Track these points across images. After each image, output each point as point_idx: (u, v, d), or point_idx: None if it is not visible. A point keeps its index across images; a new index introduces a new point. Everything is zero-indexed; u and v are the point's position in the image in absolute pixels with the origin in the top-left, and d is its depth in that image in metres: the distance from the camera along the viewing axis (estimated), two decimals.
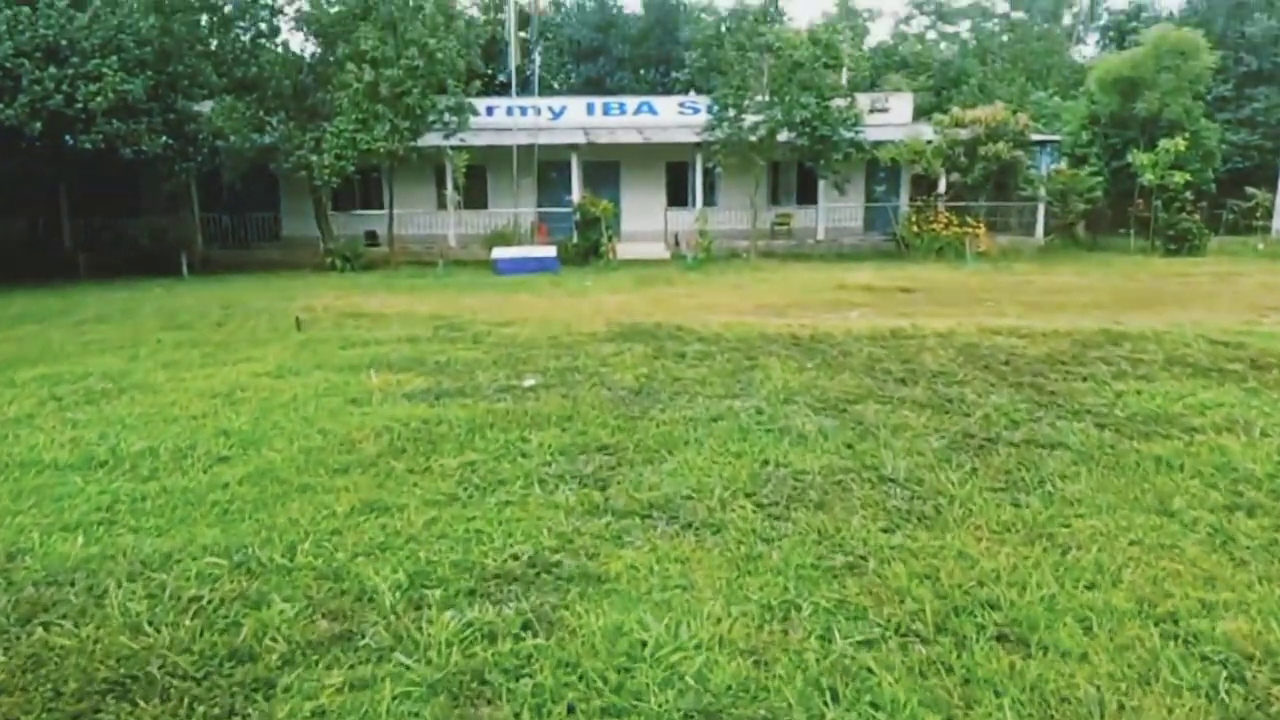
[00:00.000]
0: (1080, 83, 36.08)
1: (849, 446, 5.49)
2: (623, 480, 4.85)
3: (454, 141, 22.86)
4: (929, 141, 23.67)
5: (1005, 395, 6.86)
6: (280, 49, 22.96)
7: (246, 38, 22.98)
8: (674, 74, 35.60)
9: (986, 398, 6.77)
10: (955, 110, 24.62)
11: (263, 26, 22.94)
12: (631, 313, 12.79)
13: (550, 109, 29.22)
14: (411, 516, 4.35)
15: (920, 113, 31.70)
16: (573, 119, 29.12)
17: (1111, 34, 37.67)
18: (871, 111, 23.55)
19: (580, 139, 26.65)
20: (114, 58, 18.60)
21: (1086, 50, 43.87)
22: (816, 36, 22.90)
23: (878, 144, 24.13)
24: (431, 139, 23.17)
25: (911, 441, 5.59)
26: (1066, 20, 52.85)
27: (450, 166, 23.52)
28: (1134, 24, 37.11)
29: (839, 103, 23.17)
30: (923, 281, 17.32)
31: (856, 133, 23.43)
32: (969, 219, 23.99)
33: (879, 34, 54.93)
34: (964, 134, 23.72)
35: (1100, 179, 24.23)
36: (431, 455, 5.42)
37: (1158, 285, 16.58)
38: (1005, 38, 48.32)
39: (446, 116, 21.89)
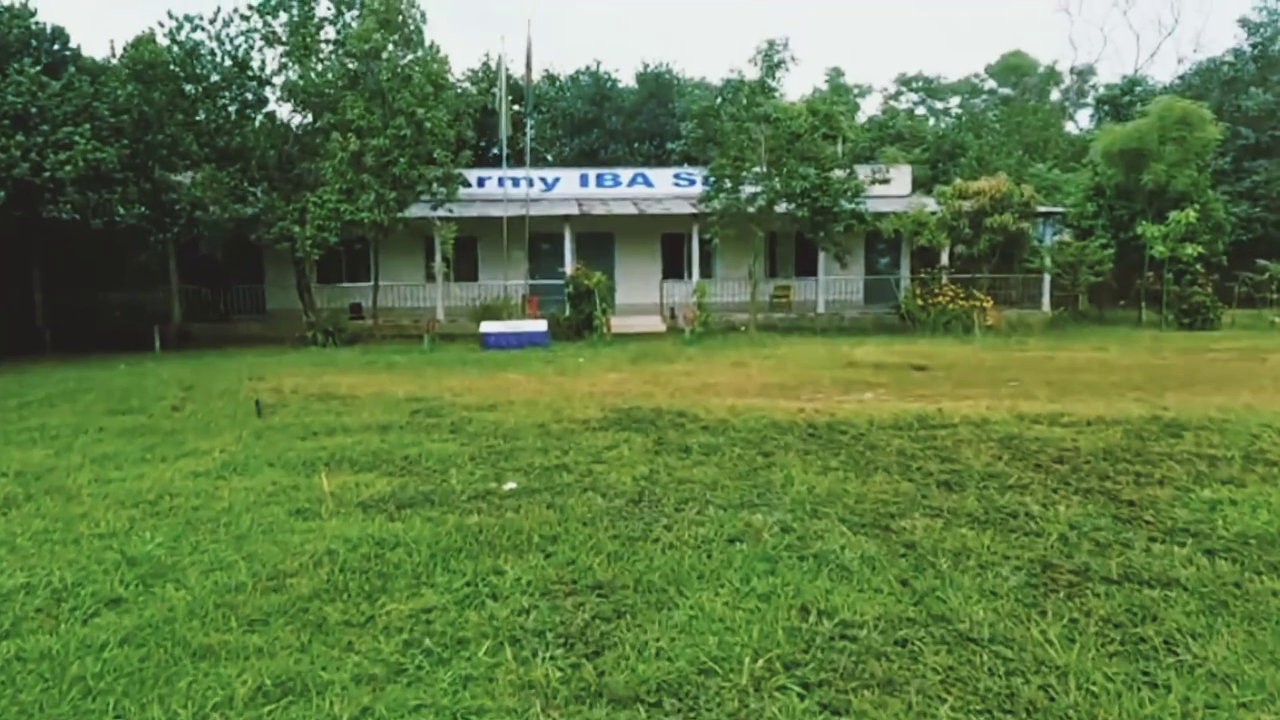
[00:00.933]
0: (1078, 156, 35.85)
1: (904, 583, 4.37)
2: (621, 641, 3.71)
3: (442, 212, 22.10)
4: (932, 213, 22.99)
5: (1076, 507, 5.76)
6: (266, 119, 22.35)
7: (232, 108, 22.37)
8: (670, 145, 35.21)
9: (1054, 509, 5.68)
10: (958, 181, 24.04)
11: (249, 97, 22.37)
12: (627, 394, 11.74)
13: (543, 180, 28.65)
14: (335, 707, 3.20)
15: (917, 185, 31.25)
16: (566, 190, 28.53)
17: (1106, 108, 37.53)
18: (872, 182, 22.90)
19: (573, 210, 25.97)
20: (86, 125, 17.85)
21: (1081, 124, 43.89)
22: (815, 107, 22.37)
23: (879, 215, 23.46)
24: (420, 210, 22.45)
25: (980, 575, 4.48)
26: (1054, 96, 53.26)
27: (438, 238, 22.65)
28: (1127, 98, 37.03)
29: (839, 174, 22.55)
30: (934, 358, 16.35)
31: (858, 204, 22.79)
32: (975, 292, 23.20)
33: (869, 109, 55.18)
34: (968, 205, 23.06)
35: (1109, 251, 23.51)
36: (379, 597, 4.28)
37: (1186, 363, 15.62)
38: (993, 113, 48.51)
39: (434, 187, 21.15)
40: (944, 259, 26.00)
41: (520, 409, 10.37)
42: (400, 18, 21.28)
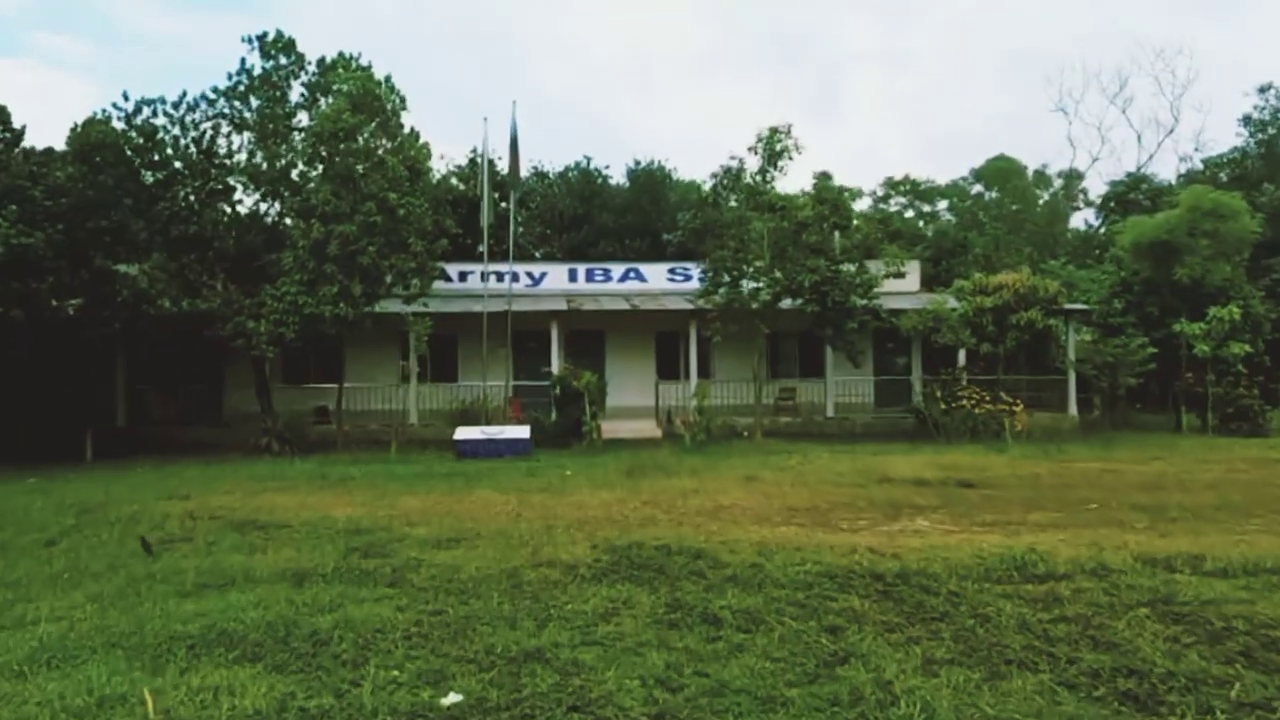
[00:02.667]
0: (1088, 252, 34.49)
1: None
2: None
3: (416, 308, 20.08)
4: (952, 309, 21.13)
5: None
6: (228, 206, 20.55)
7: (192, 195, 20.58)
8: (667, 236, 33.69)
9: None
10: (978, 275, 22.30)
11: (212, 185, 20.58)
12: (625, 520, 9.46)
13: (529, 275, 26.86)
14: None
15: (922, 283, 29.63)
16: (554, 285, 26.72)
17: (1113, 204, 36.45)
18: (886, 276, 21.12)
19: (561, 306, 24.07)
20: (13, 208, 15.90)
21: (1078, 222, 42.91)
22: (823, 194, 20.74)
23: (896, 312, 21.63)
24: (394, 304, 20.47)
25: None
26: (1044, 198, 52.62)
27: (412, 335, 20.55)
28: (1134, 194, 36.00)
29: (849, 267, 20.78)
30: (976, 471, 14.13)
31: (871, 299, 20.97)
32: (1001, 394, 21.16)
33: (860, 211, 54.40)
34: (990, 301, 21.23)
35: (1151, 350, 21.61)
36: None
37: (1272, 477, 13.46)
38: (991, 212, 47.71)
39: (408, 279, 19.19)
40: (961, 358, 24.09)
41: (487, 546, 8.06)
42: (376, 100, 19.72)
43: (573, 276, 27.13)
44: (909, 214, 53.19)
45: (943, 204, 55.25)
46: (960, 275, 24.10)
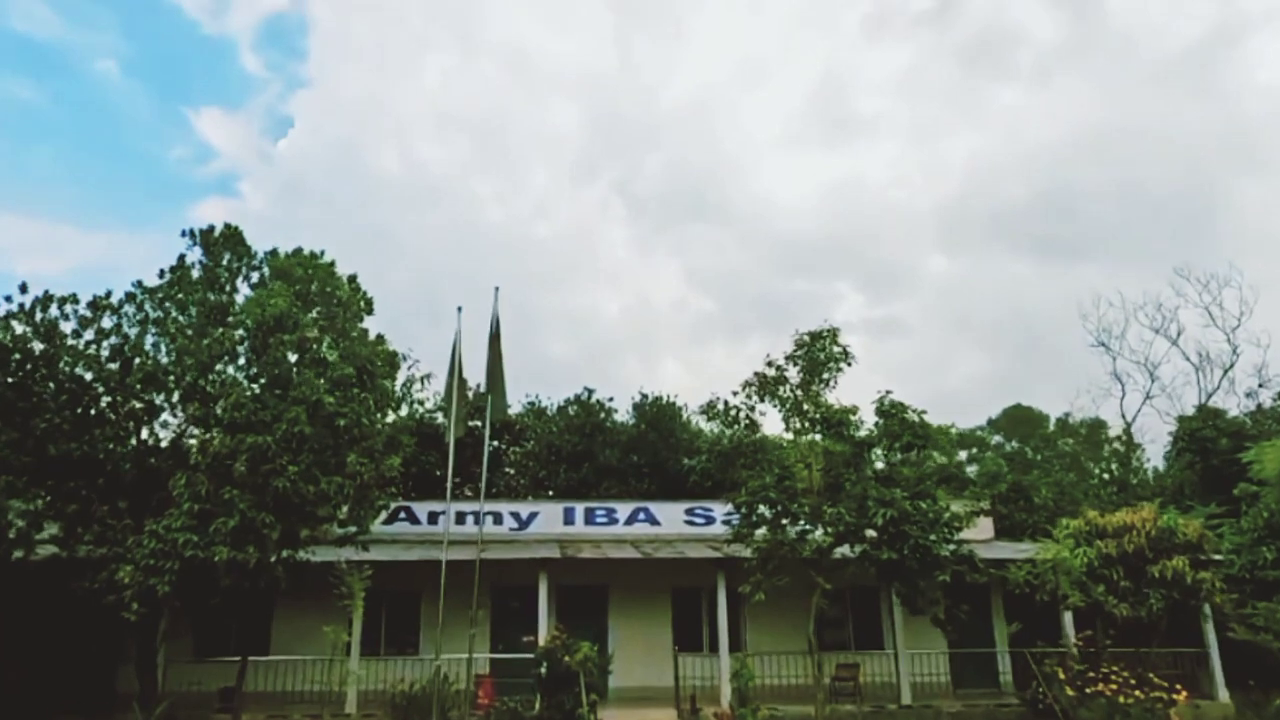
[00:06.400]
0: (1176, 496, 29.58)
1: None
2: None
3: (354, 552, 15.01)
4: (1079, 559, 15.94)
5: None
6: (123, 419, 16.05)
7: (94, 411, 16.22)
8: (686, 461, 28.83)
9: None
10: (1092, 513, 17.34)
11: (132, 403, 16.24)
12: None
13: (514, 515, 21.88)
14: None
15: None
16: (545, 527, 21.69)
17: (1184, 442, 32.05)
18: (973, 514, 16.24)
19: (554, 553, 18.94)
20: None
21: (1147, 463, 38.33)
22: (892, 408, 16.25)
23: (997, 563, 16.53)
24: (332, 549, 15.42)
25: None
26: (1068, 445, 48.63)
27: (348, 590, 15.22)
28: (1207, 429, 31.70)
29: (927, 503, 15.90)
30: None
31: (959, 544, 15.96)
32: (1150, 675, 15.57)
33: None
34: (1113, 546, 16.14)
35: None
36: None
37: None
38: (1040, 455, 43.52)
39: (342, 512, 14.26)
40: (1067, 623, 18.62)
41: None
42: (325, 290, 15.82)
43: (569, 517, 22.12)
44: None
45: (961, 455, 51.46)
46: (1068, 519, 18.93)
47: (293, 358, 15.03)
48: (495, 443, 30.74)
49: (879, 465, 16.74)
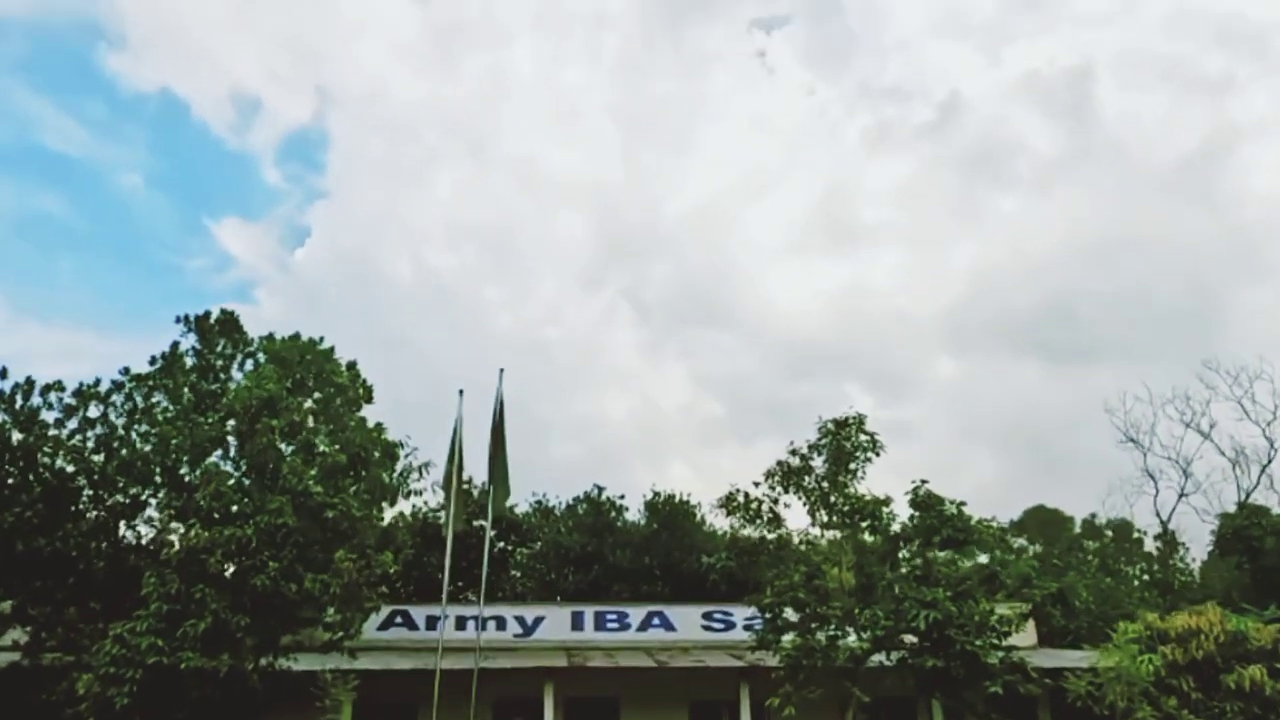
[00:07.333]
0: (1220, 594, 27.80)
1: None
2: None
3: (339, 660, 13.59)
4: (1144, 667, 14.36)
5: None
6: (103, 514, 14.91)
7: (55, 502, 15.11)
8: (705, 559, 27.11)
9: None
10: (1150, 616, 15.83)
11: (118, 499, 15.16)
12: None
13: (519, 620, 20.36)
14: None
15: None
16: (552, 633, 20.15)
17: (1228, 541, 30.41)
18: (1023, 617, 14.81)
19: (560, 661, 17.44)
20: None
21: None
22: (929, 500, 14.98)
23: (1052, 672, 14.95)
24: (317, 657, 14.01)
25: None
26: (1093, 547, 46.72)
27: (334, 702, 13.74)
28: (1253, 528, 30.08)
29: (973, 604, 14.47)
30: None
31: (1008, 651, 14.45)
32: None
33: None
34: (1181, 653, 14.59)
35: None
36: None
37: None
38: (1064, 558, 41.47)
39: (329, 614, 12.94)
40: None
41: None
42: (319, 374, 14.90)
43: (577, 623, 20.59)
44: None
45: (983, 557, 49.48)
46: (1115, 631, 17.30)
47: (283, 445, 13.98)
48: (501, 543, 29.31)
49: (915, 562, 15.37)
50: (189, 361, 17.23)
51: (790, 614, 15.32)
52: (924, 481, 15.74)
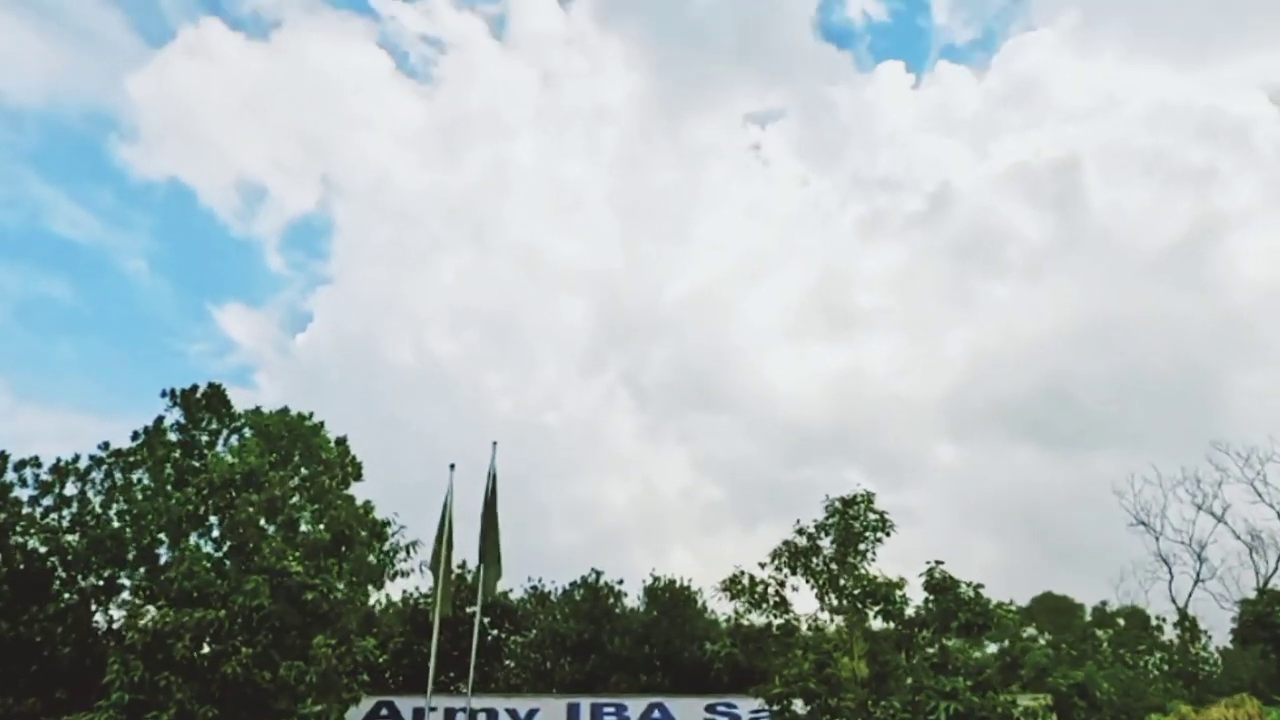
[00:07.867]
0: (1247, 684, 26.70)
1: None
2: None
3: None
4: None
5: None
6: (74, 599, 14.13)
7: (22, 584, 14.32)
8: (709, 646, 26.04)
9: None
10: (1184, 708, 14.89)
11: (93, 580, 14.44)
12: None
13: (511, 713, 19.26)
14: None
15: None
16: None
17: (1250, 621, 29.31)
18: (1049, 709, 13.88)
19: None
20: None
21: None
22: (945, 582, 14.19)
23: None
24: None
25: None
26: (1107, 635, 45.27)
27: None
28: (1277, 614, 29.03)
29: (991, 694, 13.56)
30: None
31: None
32: None
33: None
34: None
35: None
36: None
37: None
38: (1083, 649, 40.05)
39: (308, 706, 12.02)
40: None
41: None
42: (307, 447, 14.29)
43: (573, 715, 19.51)
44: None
45: (992, 647, 47.88)
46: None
47: (264, 523, 13.29)
48: (494, 630, 28.21)
49: (929, 650, 14.50)
50: (173, 437, 16.71)
51: (799, 706, 14.39)
52: (939, 562, 14.99)
